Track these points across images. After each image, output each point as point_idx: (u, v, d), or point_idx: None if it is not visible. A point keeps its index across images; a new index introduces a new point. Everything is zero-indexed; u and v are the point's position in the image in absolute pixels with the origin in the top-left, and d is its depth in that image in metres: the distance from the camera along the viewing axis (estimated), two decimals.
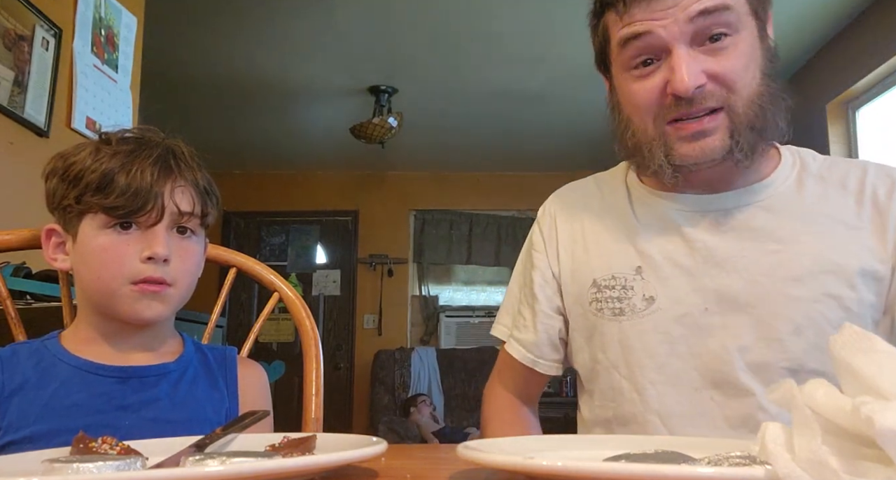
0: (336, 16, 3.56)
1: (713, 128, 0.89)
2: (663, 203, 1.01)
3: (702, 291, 0.94)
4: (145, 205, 0.81)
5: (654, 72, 0.90)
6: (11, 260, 1.74)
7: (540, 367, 1.08)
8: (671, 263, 0.97)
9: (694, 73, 0.86)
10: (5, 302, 0.98)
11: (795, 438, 0.39)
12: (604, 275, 1.00)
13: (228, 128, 5.19)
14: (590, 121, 4.91)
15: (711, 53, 0.88)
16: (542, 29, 3.68)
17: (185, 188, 0.85)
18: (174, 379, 0.88)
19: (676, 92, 0.87)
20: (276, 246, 6.30)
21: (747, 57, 0.89)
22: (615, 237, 1.02)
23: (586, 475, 0.43)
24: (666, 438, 0.76)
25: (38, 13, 2.17)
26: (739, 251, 0.94)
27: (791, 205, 0.96)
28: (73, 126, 2.30)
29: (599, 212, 1.07)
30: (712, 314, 0.93)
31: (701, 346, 0.93)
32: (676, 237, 0.98)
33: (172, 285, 0.84)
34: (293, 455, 0.55)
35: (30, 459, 0.57)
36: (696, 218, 0.98)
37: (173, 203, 0.83)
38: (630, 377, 0.97)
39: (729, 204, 0.97)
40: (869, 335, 0.44)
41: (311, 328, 1.10)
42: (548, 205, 1.14)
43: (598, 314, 1.00)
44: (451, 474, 0.58)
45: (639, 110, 0.93)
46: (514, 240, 6.14)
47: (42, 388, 0.81)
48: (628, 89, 0.93)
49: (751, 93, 0.89)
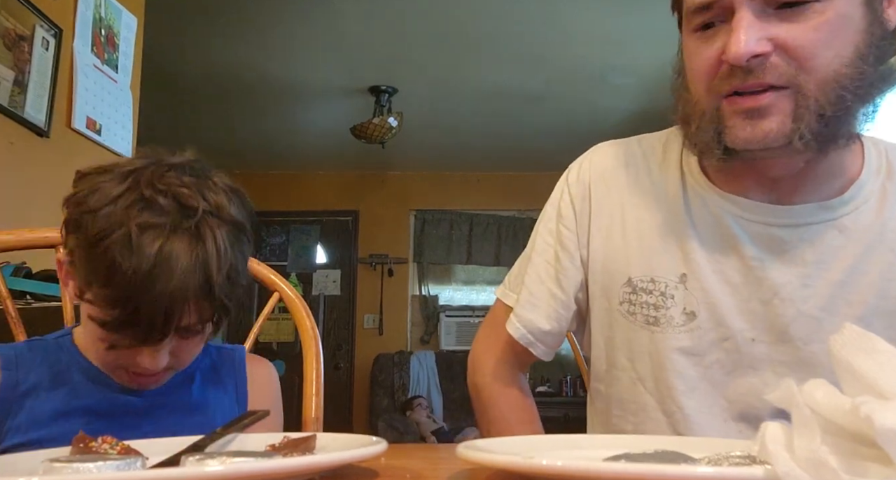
0: (336, 16, 3.56)
1: (773, 105, 0.74)
2: (722, 204, 0.86)
3: (750, 316, 0.84)
4: (147, 339, 0.74)
5: (716, 34, 0.77)
6: (11, 260, 1.74)
7: (535, 350, 0.99)
8: (720, 278, 0.85)
9: (752, 39, 0.72)
10: (5, 301, 0.98)
11: (795, 438, 0.39)
12: (642, 276, 0.89)
13: (228, 128, 5.19)
14: (590, 121, 4.91)
15: (786, 18, 0.73)
16: (542, 29, 3.68)
17: (197, 306, 0.74)
18: (182, 386, 0.87)
19: (728, 59, 0.73)
20: (276, 246, 6.30)
21: (834, 28, 0.73)
22: (661, 232, 0.89)
23: (586, 475, 0.43)
24: (666, 438, 0.74)
25: (38, 13, 2.17)
26: (800, 278, 0.83)
27: (869, 227, 0.83)
28: (74, 126, 2.30)
29: (646, 192, 0.92)
30: (758, 344, 0.83)
31: (739, 376, 0.84)
32: (730, 249, 0.85)
33: (170, 369, 0.81)
34: (293, 455, 0.55)
35: (30, 459, 0.57)
36: (758, 230, 0.84)
37: (178, 325, 0.74)
38: (657, 395, 0.88)
39: (799, 220, 0.83)
40: (869, 335, 0.44)
41: (311, 328, 1.10)
42: (583, 165, 0.99)
43: (629, 317, 0.90)
44: (451, 474, 0.58)
45: (694, 77, 0.81)
46: (514, 240, 6.15)
47: (55, 391, 0.80)
48: (689, 50, 0.81)
49: (829, 74, 0.74)
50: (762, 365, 0.84)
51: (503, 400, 1.04)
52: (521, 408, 1.04)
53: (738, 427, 0.85)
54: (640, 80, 4.16)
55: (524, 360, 1.04)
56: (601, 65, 4.06)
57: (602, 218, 0.94)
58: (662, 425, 0.88)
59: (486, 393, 1.04)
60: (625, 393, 0.92)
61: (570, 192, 0.98)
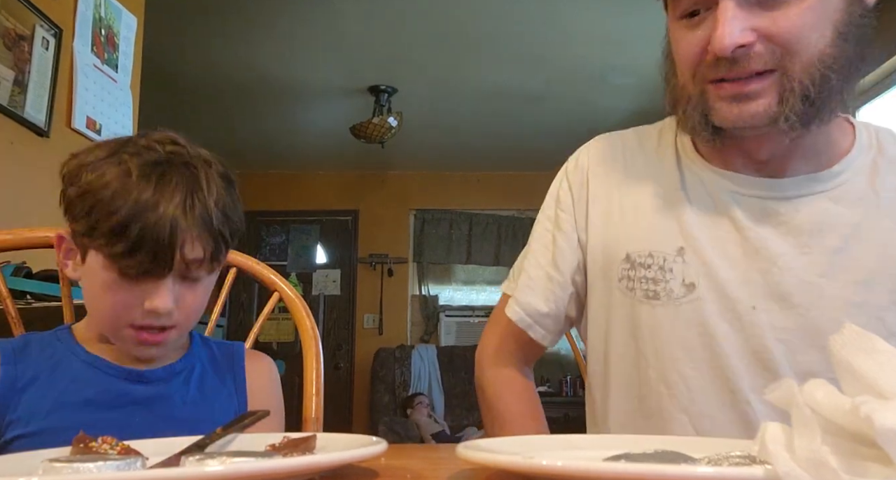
0: (336, 16, 3.56)
1: (759, 90, 0.77)
2: (717, 180, 0.89)
3: (749, 285, 0.85)
4: (154, 266, 0.76)
5: (701, 23, 0.79)
6: (11, 260, 1.74)
7: (533, 332, 0.99)
8: (718, 250, 0.87)
9: (736, 31, 0.74)
10: (5, 301, 0.98)
11: (795, 438, 0.39)
12: (639, 251, 0.90)
13: (228, 128, 5.19)
14: (590, 121, 4.91)
15: (768, 6, 0.75)
16: (542, 29, 3.68)
17: (199, 237, 0.78)
18: (183, 377, 0.88)
19: (714, 50, 0.76)
20: (276, 246, 6.30)
21: (815, 12, 0.75)
22: (657, 208, 0.91)
23: (586, 475, 0.43)
24: (666, 438, 0.75)
25: (38, 13, 2.17)
26: (797, 246, 0.84)
27: (862, 197, 0.85)
28: (74, 126, 2.30)
29: (642, 174, 0.95)
30: (759, 312, 0.84)
31: (743, 345, 0.85)
32: (727, 221, 0.87)
33: (175, 327, 0.82)
34: (293, 455, 0.55)
35: (30, 459, 0.57)
36: (753, 203, 0.87)
37: (182, 258, 0.77)
38: (659, 367, 0.88)
39: (791, 192, 0.86)
40: (870, 335, 0.44)
41: (311, 327, 1.10)
42: (581, 155, 1.02)
43: (628, 293, 0.90)
44: (451, 474, 0.58)
45: (680, 63, 0.83)
46: (513, 240, 6.15)
47: (54, 383, 0.81)
48: (675, 37, 0.83)
49: (812, 56, 0.76)
50: (764, 332, 0.84)
51: (507, 392, 1.03)
52: (526, 400, 1.03)
53: (747, 397, 0.84)
54: (640, 80, 4.16)
55: (527, 351, 1.04)
56: (601, 65, 4.06)
57: (600, 201, 0.96)
58: (664, 398, 0.88)
59: (491, 390, 1.04)
60: (626, 369, 0.92)
61: (568, 180, 1.01)
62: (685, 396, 0.87)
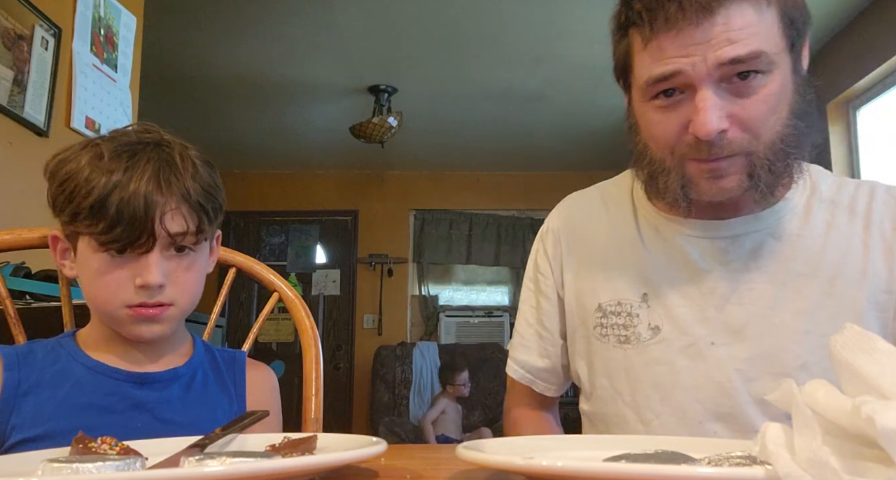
0: (336, 15, 3.56)
1: (730, 168, 0.84)
2: (671, 226, 0.97)
3: (708, 322, 0.92)
4: (136, 238, 0.78)
5: (677, 106, 0.84)
6: (11, 260, 1.74)
7: (537, 387, 1.09)
8: (677, 292, 0.95)
9: (718, 118, 0.81)
10: (5, 302, 0.98)
11: (796, 438, 0.39)
12: (609, 300, 0.99)
13: (228, 128, 5.19)
14: (589, 121, 4.91)
15: (739, 93, 0.82)
16: (542, 29, 3.68)
17: (178, 210, 0.80)
18: (185, 381, 0.88)
19: (699, 135, 0.82)
20: (275, 246, 6.30)
21: (777, 97, 0.83)
22: (621, 261, 1.00)
23: (586, 475, 0.43)
24: (666, 438, 0.75)
25: (37, 13, 2.17)
26: (746, 282, 0.92)
27: (799, 234, 0.93)
28: (73, 126, 2.30)
29: (605, 231, 1.04)
30: (719, 346, 0.91)
31: (706, 378, 0.91)
32: (683, 265, 0.95)
33: (172, 304, 0.83)
34: (293, 456, 0.55)
35: (30, 459, 0.57)
36: (704, 245, 0.95)
37: (164, 229, 0.79)
38: (634, 406, 0.96)
39: (738, 230, 0.93)
40: (870, 335, 0.44)
41: (310, 328, 1.10)
42: (551, 221, 1.11)
43: (603, 339, 0.99)
44: (451, 474, 0.58)
45: (657, 141, 0.89)
46: (513, 240, 6.14)
47: (57, 387, 0.82)
48: (648, 118, 0.89)
49: (774, 137, 0.84)
50: (725, 364, 0.91)
51: (524, 426, 1.11)
52: (545, 429, 1.11)
53: (715, 427, 0.91)
54: None
55: (540, 400, 1.12)
56: (601, 65, 4.05)
57: (572, 257, 1.06)
58: (642, 434, 0.94)
59: (510, 427, 1.13)
60: (606, 409, 1.00)
61: (543, 244, 1.10)
62: (659, 431, 0.93)
